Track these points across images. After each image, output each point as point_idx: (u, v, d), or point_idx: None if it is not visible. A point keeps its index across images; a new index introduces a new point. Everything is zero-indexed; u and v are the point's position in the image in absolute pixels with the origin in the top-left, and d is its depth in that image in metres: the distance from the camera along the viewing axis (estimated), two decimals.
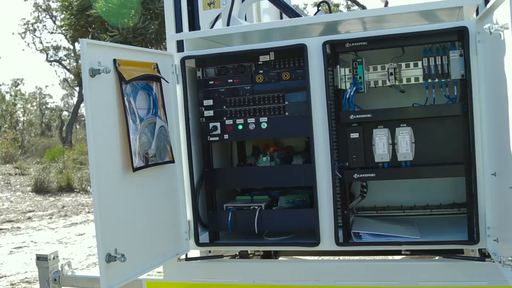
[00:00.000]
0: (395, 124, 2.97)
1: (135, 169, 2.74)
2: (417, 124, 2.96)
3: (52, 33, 23.13)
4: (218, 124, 3.23)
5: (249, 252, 4.32)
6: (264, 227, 3.22)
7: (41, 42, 23.85)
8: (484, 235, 2.80)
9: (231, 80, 3.22)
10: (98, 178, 2.55)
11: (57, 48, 22.52)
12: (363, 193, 3.50)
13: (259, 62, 3.18)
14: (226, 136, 3.23)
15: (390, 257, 3.68)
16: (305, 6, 27.31)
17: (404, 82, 3.13)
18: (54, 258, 3.67)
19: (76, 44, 16.68)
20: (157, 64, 3.02)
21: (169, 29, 4.14)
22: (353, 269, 3.07)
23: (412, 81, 3.12)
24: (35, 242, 9.13)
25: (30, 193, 14.61)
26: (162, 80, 3.03)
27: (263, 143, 3.69)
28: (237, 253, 4.27)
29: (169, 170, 3.12)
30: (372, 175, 3.00)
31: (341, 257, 4.01)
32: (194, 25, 4.14)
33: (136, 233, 2.79)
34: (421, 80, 3.06)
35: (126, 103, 2.73)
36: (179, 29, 4.14)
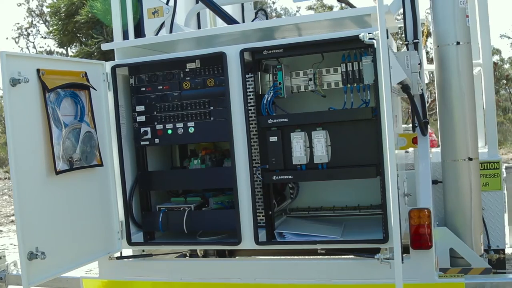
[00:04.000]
0: (312, 128, 3.10)
1: (58, 172, 2.88)
2: (333, 128, 3.09)
3: (45, 37, 23.33)
4: (148, 129, 3.37)
5: (198, 252, 4.49)
6: (194, 227, 3.36)
7: (34, 47, 24.07)
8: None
9: (161, 87, 3.37)
10: (18, 181, 2.70)
11: (50, 53, 22.74)
12: (291, 195, 3.63)
13: (186, 70, 3.32)
14: (157, 141, 3.38)
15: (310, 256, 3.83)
16: (298, 9, 27.46)
17: (325, 87, 3.28)
18: (0, 258, 3.82)
19: (68, 48, 16.80)
20: (86, 73, 3.17)
21: (117, 37, 4.29)
22: (272, 267, 3.21)
23: (333, 86, 3.27)
24: (15, 245, 9.28)
25: None
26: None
27: (202, 146, 3.83)
28: (187, 253, 4.43)
29: (100, 173, 3.26)
30: (290, 177, 3.14)
31: (262, 257, 4.14)
32: (140, 33, 4.29)
33: (60, 232, 2.93)
34: (340, 85, 3.20)
35: (50, 110, 2.88)
36: (126, 37, 4.29)
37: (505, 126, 20.81)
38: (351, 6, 23.49)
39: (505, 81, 20.77)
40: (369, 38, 2.47)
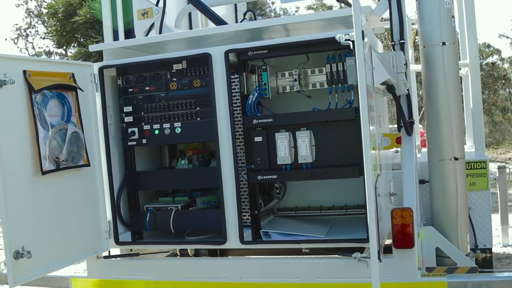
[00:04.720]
0: (296, 128, 3.12)
1: (44, 172, 2.91)
2: (317, 128, 3.12)
3: (44, 38, 23.35)
4: (136, 129, 3.40)
5: (189, 251, 4.51)
6: (181, 227, 3.39)
7: (33, 48, 24.11)
8: None
9: (148, 88, 3.40)
10: (5, 181, 2.73)
11: (49, 53, 22.80)
12: (278, 195, 3.66)
13: (173, 70, 3.35)
14: (144, 141, 3.41)
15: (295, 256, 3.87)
16: (297, 9, 27.43)
17: (310, 87, 3.31)
18: None
19: (67, 49, 16.86)
20: (73, 74, 3.20)
21: (107, 38, 4.32)
22: (258, 266, 3.24)
23: (318, 87, 3.30)
24: None
25: None
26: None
27: (190, 146, 3.86)
28: (177, 252, 4.45)
29: (88, 173, 3.29)
30: (275, 176, 3.17)
31: (247, 256, 4.16)
32: (130, 34, 4.32)
33: (47, 232, 2.96)
34: (325, 86, 3.22)
35: (36, 111, 2.91)
36: (116, 37, 4.32)
37: (503, 125, 20.80)
38: (350, 6, 23.51)
39: (503, 81, 20.75)
40: (346, 40, 2.50)
